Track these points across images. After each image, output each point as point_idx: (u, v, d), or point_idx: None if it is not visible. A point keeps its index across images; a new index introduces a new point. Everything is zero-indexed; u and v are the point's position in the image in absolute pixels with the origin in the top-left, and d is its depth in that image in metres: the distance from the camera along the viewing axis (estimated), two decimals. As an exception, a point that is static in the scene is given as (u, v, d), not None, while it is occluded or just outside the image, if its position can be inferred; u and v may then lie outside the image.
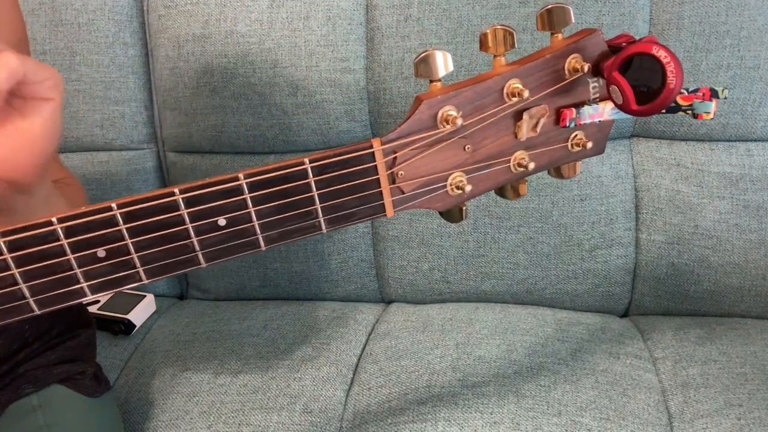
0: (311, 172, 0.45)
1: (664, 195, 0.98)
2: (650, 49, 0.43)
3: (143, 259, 0.44)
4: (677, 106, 0.48)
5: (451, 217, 0.52)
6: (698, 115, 0.48)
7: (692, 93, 0.47)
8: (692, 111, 0.48)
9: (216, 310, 1.09)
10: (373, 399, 0.86)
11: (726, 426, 0.78)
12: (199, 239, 0.44)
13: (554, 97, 0.50)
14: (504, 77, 0.48)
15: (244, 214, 0.45)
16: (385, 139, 0.46)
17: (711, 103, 0.47)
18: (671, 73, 0.43)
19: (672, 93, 0.43)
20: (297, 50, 0.97)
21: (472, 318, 0.99)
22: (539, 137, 0.51)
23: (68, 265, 0.42)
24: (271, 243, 0.47)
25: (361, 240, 1.07)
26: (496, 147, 0.50)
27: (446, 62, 0.46)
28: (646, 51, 0.44)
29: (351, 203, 0.47)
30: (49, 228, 0.41)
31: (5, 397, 0.72)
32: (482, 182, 0.51)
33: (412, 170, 0.48)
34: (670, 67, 0.43)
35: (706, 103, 0.47)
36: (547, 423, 0.78)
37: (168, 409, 0.86)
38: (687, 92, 0.48)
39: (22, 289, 0.42)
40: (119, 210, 0.42)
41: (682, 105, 0.48)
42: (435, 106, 0.47)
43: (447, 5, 0.93)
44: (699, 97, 0.47)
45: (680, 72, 0.43)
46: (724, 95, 0.48)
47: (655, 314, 1.03)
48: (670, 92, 0.43)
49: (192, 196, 0.43)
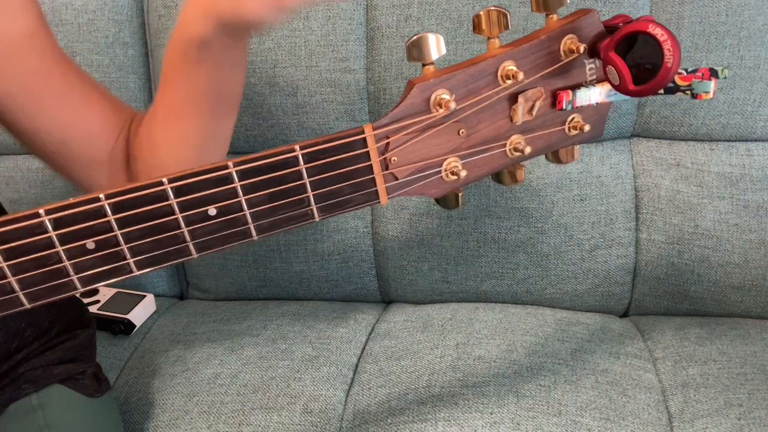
0: (302, 159, 0.44)
1: (664, 195, 0.98)
2: (647, 27, 0.42)
3: (133, 251, 0.43)
4: (676, 87, 0.46)
5: (447, 204, 0.51)
6: (697, 95, 0.46)
7: (691, 73, 0.46)
8: (691, 91, 0.46)
9: (216, 310, 1.09)
10: (373, 399, 0.86)
11: (726, 426, 0.78)
12: (189, 229, 0.44)
13: (550, 80, 0.48)
14: (498, 59, 0.46)
15: (234, 203, 0.44)
16: (377, 125, 0.45)
17: (710, 83, 0.46)
18: (668, 51, 0.42)
19: (669, 72, 0.42)
20: (297, 50, 0.97)
21: (472, 318, 0.99)
22: (535, 121, 0.49)
23: (57, 257, 0.42)
24: (263, 232, 0.45)
25: (361, 240, 1.07)
26: (491, 131, 0.48)
27: (439, 45, 0.45)
28: (642, 29, 0.43)
29: (343, 190, 0.46)
30: (36, 220, 0.40)
31: (5, 397, 0.72)
32: (478, 167, 0.49)
33: (405, 156, 0.47)
34: (667, 45, 0.42)
35: (705, 82, 0.46)
36: (547, 423, 0.78)
37: (168, 409, 0.86)
38: (686, 73, 0.46)
39: (11, 282, 0.42)
40: (107, 201, 0.41)
41: (680, 85, 0.46)
42: (427, 89, 0.45)
43: (447, 5, 0.93)
44: (698, 77, 0.46)
45: (678, 50, 0.42)
46: (724, 75, 0.47)
47: (655, 314, 1.03)
48: (667, 71, 0.42)
49: (181, 185, 0.42)
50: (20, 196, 1.13)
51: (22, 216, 0.40)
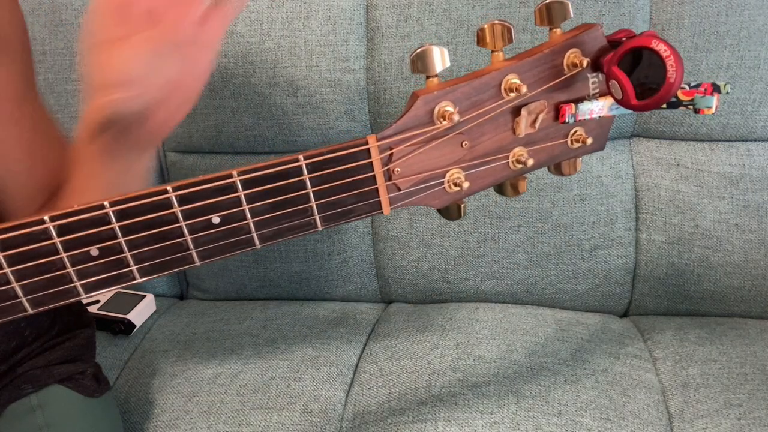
0: (306, 169, 0.44)
1: (664, 195, 0.98)
2: (650, 42, 0.43)
3: (137, 258, 0.43)
4: (678, 101, 0.47)
5: (450, 215, 0.51)
6: (699, 110, 0.47)
7: (694, 88, 0.46)
8: (693, 106, 0.47)
9: (216, 310, 1.09)
10: (373, 399, 0.86)
11: (726, 426, 0.78)
12: (193, 237, 0.44)
13: (553, 93, 0.49)
14: (502, 72, 0.47)
15: (238, 211, 0.44)
16: (381, 136, 0.46)
17: (713, 98, 0.46)
18: (671, 67, 0.42)
19: (672, 87, 0.42)
20: (297, 50, 0.97)
21: (472, 318, 0.99)
22: (538, 133, 0.50)
23: (61, 264, 0.42)
24: (265, 241, 0.46)
25: (361, 240, 1.07)
26: (494, 143, 0.49)
27: (443, 58, 0.45)
28: (645, 45, 0.43)
29: (346, 200, 0.46)
30: (41, 226, 0.41)
31: (5, 397, 0.72)
32: (480, 179, 0.50)
33: (408, 167, 0.47)
34: (670, 61, 0.42)
35: (708, 97, 0.46)
36: (547, 423, 0.78)
37: (168, 409, 0.86)
38: (688, 87, 0.47)
39: (15, 288, 0.42)
40: (112, 208, 0.41)
41: (683, 100, 0.47)
42: (431, 101, 0.46)
43: (447, 5, 0.93)
44: (701, 92, 0.46)
45: (680, 66, 0.42)
46: (726, 90, 0.47)
47: (655, 314, 1.03)
48: (670, 86, 0.42)
49: (185, 193, 0.42)
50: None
51: (27, 222, 0.41)
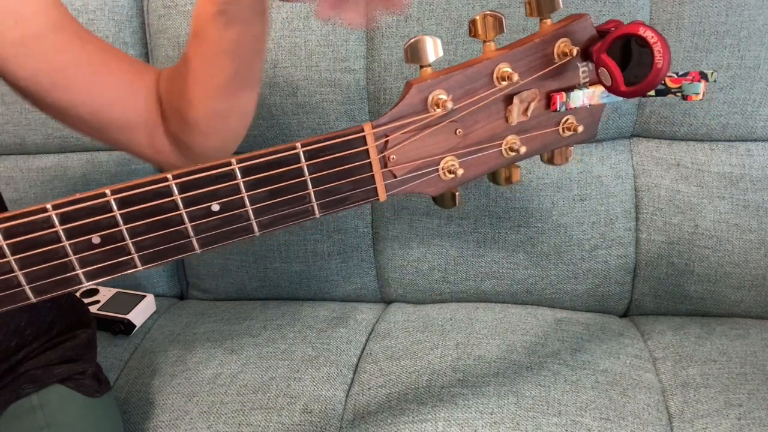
0: (303, 156, 0.45)
1: (664, 195, 0.98)
2: (637, 30, 0.44)
3: (138, 245, 0.44)
4: (666, 88, 0.48)
5: (444, 203, 0.52)
6: (687, 96, 0.48)
7: (682, 76, 0.48)
8: (681, 93, 0.48)
9: (216, 310, 1.09)
10: (373, 399, 0.86)
11: (726, 426, 0.78)
12: (193, 225, 0.45)
13: (544, 81, 0.50)
14: (493, 61, 0.48)
15: (237, 199, 0.45)
16: (376, 123, 0.47)
17: (700, 84, 0.47)
18: (658, 53, 0.43)
19: (660, 72, 0.43)
20: (297, 50, 0.97)
21: (472, 318, 0.99)
22: (530, 121, 0.51)
23: (63, 252, 0.43)
24: (264, 228, 0.47)
25: (361, 240, 1.07)
26: (487, 131, 0.50)
27: (436, 48, 0.46)
28: (633, 32, 0.44)
29: (343, 187, 0.47)
30: (44, 215, 0.41)
31: (5, 397, 0.72)
32: (474, 166, 0.51)
33: (403, 154, 0.48)
34: (657, 47, 0.43)
35: (695, 84, 0.47)
36: (547, 423, 0.78)
37: (168, 409, 0.86)
38: (677, 75, 0.48)
39: (18, 276, 0.42)
40: (113, 196, 0.42)
41: (671, 87, 0.48)
42: (425, 89, 0.47)
43: (447, 5, 0.93)
44: (688, 80, 0.48)
45: (667, 52, 0.43)
46: (714, 78, 0.48)
47: (655, 314, 1.03)
48: (657, 72, 0.43)
49: (185, 181, 0.43)
50: (20, 196, 1.13)
51: (29, 211, 0.41)
